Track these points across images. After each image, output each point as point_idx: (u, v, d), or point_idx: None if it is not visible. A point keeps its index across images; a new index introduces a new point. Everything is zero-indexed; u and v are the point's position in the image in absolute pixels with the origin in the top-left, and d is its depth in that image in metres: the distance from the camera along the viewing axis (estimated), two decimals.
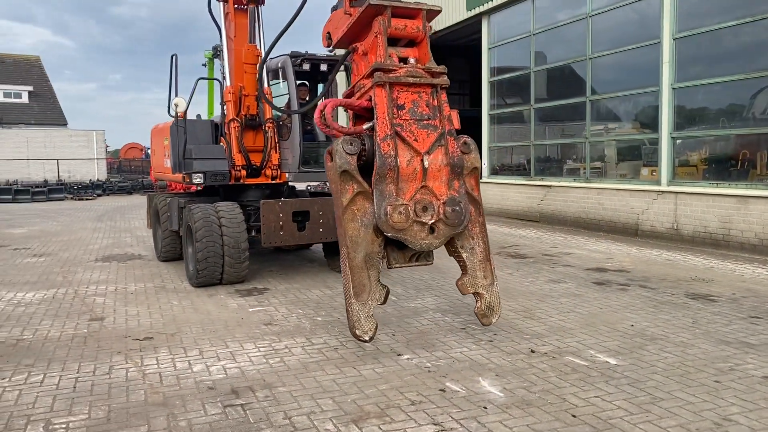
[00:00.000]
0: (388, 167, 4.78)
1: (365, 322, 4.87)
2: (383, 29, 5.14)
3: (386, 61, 5.03)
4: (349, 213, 4.91)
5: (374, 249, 4.93)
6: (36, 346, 5.52)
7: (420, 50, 5.39)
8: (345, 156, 4.91)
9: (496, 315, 5.41)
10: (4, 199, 28.19)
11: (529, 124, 15.50)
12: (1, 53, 45.55)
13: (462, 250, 5.26)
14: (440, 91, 5.20)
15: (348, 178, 4.91)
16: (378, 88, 5.02)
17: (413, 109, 5.05)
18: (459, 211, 4.96)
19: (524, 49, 15.49)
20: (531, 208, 15.11)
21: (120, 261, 10.29)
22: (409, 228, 4.84)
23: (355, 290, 4.88)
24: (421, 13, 5.24)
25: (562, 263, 9.50)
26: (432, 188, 4.95)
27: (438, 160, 4.96)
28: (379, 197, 4.80)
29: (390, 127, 4.89)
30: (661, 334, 5.70)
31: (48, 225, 16.76)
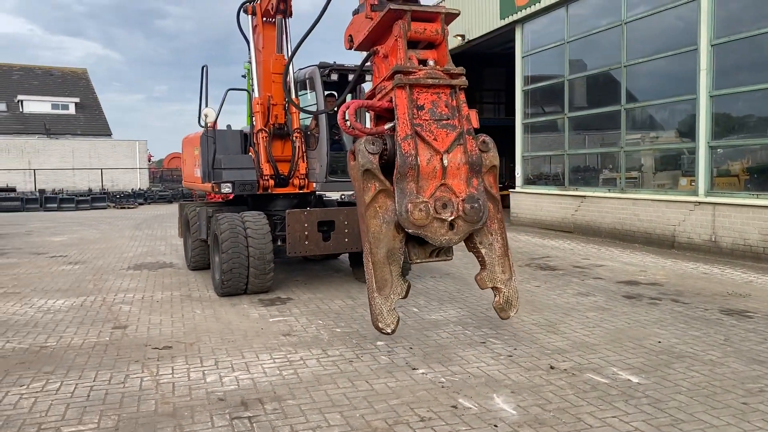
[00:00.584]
0: (409, 166, 4.88)
1: (387, 316, 4.93)
2: (403, 33, 5.24)
3: (406, 64, 5.11)
4: (371, 210, 5.02)
5: (396, 245, 5.02)
6: (58, 354, 5.61)
7: (439, 52, 5.46)
8: (367, 155, 5.01)
9: (514, 309, 5.40)
10: (50, 207, 29.10)
11: (563, 133, 15.24)
12: (50, 66, 47.13)
13: (481, 246, 5.33)
14: (459, 92, 5.25)
15: (370, 177, 5.02)
16: (398, 89, 5.10)
17: (432, 109, 5.13)
18: (478, 207, 5.03)
19: (558, 58, 15.26)
20: (565, 219, 14.83)
21: (151, 269, 10.45)
22: (429, 224, 4.93)
23: (378, 285, 4.95)
24: (439, 16, 5.31)
25: (593, 276, 9.26)
26: (451, 186, 5.04)
27: (457, 158, 5.05)
28: (401, 195, 4.90)
29: (410, 127, 4.97)
30: (689, 351, 5.47)
31: (87, 233, 17.18)
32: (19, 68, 45.47)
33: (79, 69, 47.76)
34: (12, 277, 9.80)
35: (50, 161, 36.26)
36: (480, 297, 7.80)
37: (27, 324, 6.71)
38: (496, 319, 6.69)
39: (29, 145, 36.41)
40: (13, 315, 7.15)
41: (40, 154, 36.21)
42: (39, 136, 38.11)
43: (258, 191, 8.81)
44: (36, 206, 28.87)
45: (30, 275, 9.92)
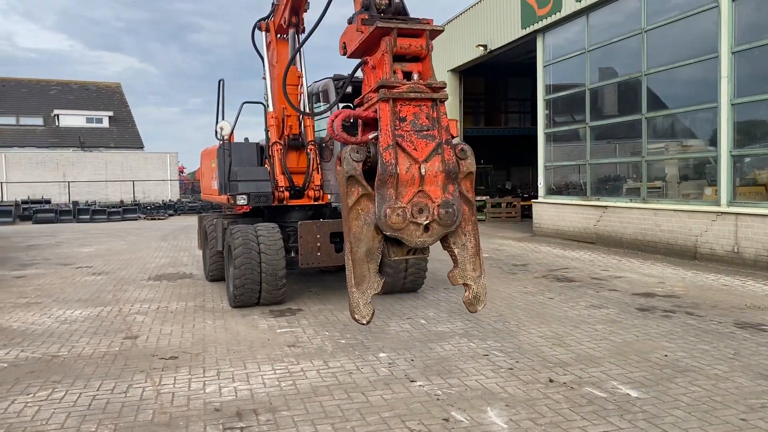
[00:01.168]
0: (389, 174, 5.22)
1: (363, 308, 5.29)
2: (389, 48, 5.61)
3: (391, 78, 5.43)
4: (353, 212, 5.38)
5: (374, 245, 5.37)
6: (68, 363, 5.76)
7: (424, 65, 5.82)
8: (352, 163, 5.35)
9: (481, 303, 5.68)
10: (83, 219, 29.78)
11: (584, 142, 15.09)
12: (86, 81, 48.42)
13: (454, 246, 5.65)
14: (439, 104, 5.53)
15: (354, 182, 5.37)
16: (382, 102, 5.48)
17: (414, 121, 5.45)
18: (451, 212, 5.38)
19: (579, 67, 15.14)
20: (587, 230, 14.66)
21: (170, 280, 10.63)
22: (406, 227, 5.28)
23: (356, 280, 5.30)
24: (425, 33, 5.61)
25: (609, 287, 9.14)
26: (428, 192, 5.38)
27: (435, 167, 5.36)
28: (380, 200, 5.25)
29: (392, 138, 5.30)
30: (695, 365, 5.37)
31: (115, 244, 17.56)
32: (56, 83, 46.81)
33: (113, 83, 48.97)
34: (36, 287, 10.08)
35: (84, 173, 37.18)
36: (490, 309, 7.77)
37: (43, 334, 6.90)
38: (502, 331, 6.67)
39: (64, 157, 37.40)
40: (31, 325, 7.35)
41: (74, 167, 37.16)
42: (73, 149, 39.13)
43: (273, 203, 8.91)
44: (69, 218, 29.59)
45: (53, 286, 10.19)
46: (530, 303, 8.12)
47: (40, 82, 46.10)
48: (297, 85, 9.22)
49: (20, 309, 8.28)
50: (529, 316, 7.34)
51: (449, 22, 21.88)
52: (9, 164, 35.90)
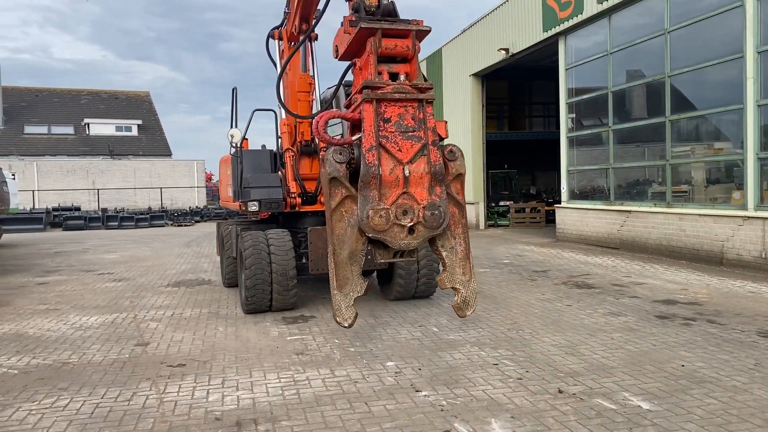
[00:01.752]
0: (372, 175, 5.29)
1: (345, 311, 5.37)
2: (374, 49, 5.57)
3: (375, 79, 5.51)
4: (337, 214, 5.46)
5: (358, 247, 5.43)
6: (77, 370, 5.78)
7: (411, 66, 5.77)
8: (334, 164, 5.42)
9: (470, 308, 5.72)
10: (111, 225, 30.27)
11: (607, 146, 14.82)
12: (116, 90, 49.30)
13: (442, 249, 5.69)
14: (426, 105, 5.59)
15: (337, 184, 5.45)
16: (366, 103, 5.47)
17: (399, 122, 5.52)
18: (437, 214, 5.42)
19: (601, 69, 14.89)
20: (611, 235, 14.37)
21: (189, 286, 10.68)
22: (389, 229, 5.36)
23: (339, 283, 5.38)
24: (411, 33, 5.62)
25: (630, 294, 8.92)
26: (413, 194, 5.44)
27: (420, 168, 5.43)
28: (363, 202, 5.31)
29: (375, 138, 5.37)
30: (713, 376, 5.17)
31: (140, 250, 17.77)
32: (87, 93, 47.75)
33: (142, 92, 49.79)
34: (57, 293, 10.21)
35: (113, 181, 37.81)
36: (504, 317, 7.62)
37: (57, 340, 6.96)
38: (515, 339, 6.53)
39: (93, 165, 38.09)
40: (47, 331, 7.42)
41: (103, 175, 37.82)
42: (103, 157, 39.83)
43: (285, 209, 8.90)
44: (98, 224, 30.10)
45: (74, 292, 10.30)
46: (547, 310, 7.96)
47: (72, 91, 47.07)
48: (308, 92, 9.21)
49: (39, 315, 8.38)
50: (544, 324, 7.18)
51: (470, 27, 21.74)
52: (41, 172, 36.68)
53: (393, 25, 5.65)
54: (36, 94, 45.37)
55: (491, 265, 12.38)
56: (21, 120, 41.67)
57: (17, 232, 27.00)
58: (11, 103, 42.40)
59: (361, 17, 5.86)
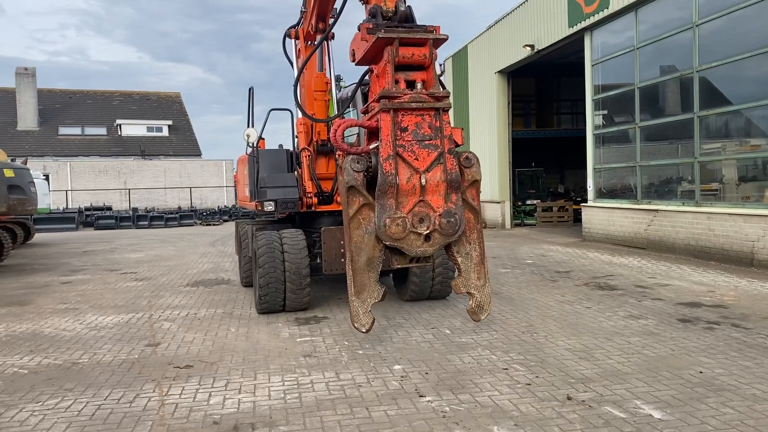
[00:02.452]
0: (389, 184, 5.35)
1: (363, 317, 5.47)
2: (391, 58, 5.59)
3: (392, 89, 5.54)
4: (354, 222, 5.52)
5: (375, 254, 5.52)
6: (85, 371, 5.79)
7: (427, 74, 5.79)
8: (352, 173, 5.47)
9: (485, 313, 5.78)
10: (141, 225, 30.75)
11: (634, 143, 14.46)
12: (147, 91, 50.06)
13: (458, 254, 5.74)
14: (442, 113, 5.63)
15: (355, 192, 5.50)
16: (383, 113, 5.51)
17: (416, 131, 5.56)
18: (453, 222, 5.48)
19: (628, 65, 14.53)
20: (638, 234, 14.02)
21: (207, 286, 10.72)
22: (406, 237, 5.42)
23: (357, 289, 5.47)
24: (428, 42, 5.63)
25: (653, 296, 8.65)
26: (429, 202, 5.49)
27: (436, 176, 5.47)
28: (380, 210, 5.38)
29: (392, 148, 5.41)
30: (732, 384, 4.94)
31: (165, 250, 17.95)
32: (120, 94, 48.58)
33: (172, 93, 50.44)
34: (79, 293, 10.33)
35: (144, 181, 38.40)
36: (520, 320, 7.45)
37: (70, 340, 7.01)
38: (528, 343, 6.36)
39: (125, 165, 38.73)
40: (62, 331, 7.49)
41: (134, 175, 38.43)
42: (134, 158, 40.45)
43: (301, 209, 8.85)
44: (129, 224, 30.59)
45: (95, 291, 10.42)
46: (565, 313, 7.75)
47: (105, 93, 47.94)
48: (325, 91, 9.15)
49: (57, 315, 8.47)
50: (560, 327, 6.99)
51: (496, 23, 21.47)
52: (74, 173, 37.43)
53: (410, 33, 5.67)
54: (70, 96, 46.32)
55: (513, 266, 12.17)
56: (56, 121, 42.58)
57: (50, 232, 27.59)
58: (46, 105, 43.35)
59: (377, 23, 5.80)
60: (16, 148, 37.83)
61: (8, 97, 42.33)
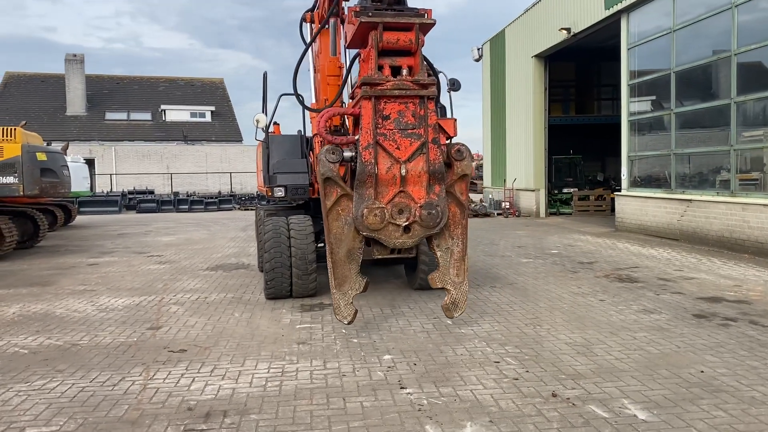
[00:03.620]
0: (368, 174, 5.25)
1: (344, 309, 5.48)
2: (375, 43, 5.42)
3: (374, 75, 5.38)
4: (333, 213, 5.45)
5: (356, 245, 5.45)
6: (81, 353, 5.88)
7: (414, 59, 5.59)
8: (327, 164, 5.39)
9: (459, 310, 5.70)
10: (182, 209, 31.32)
11: (669, 130, 13.91)
12: (192, 77, 50.83)
13: (438, 248, 5.61)
14: (427, 102, 5.46)
15: (332, 184, 5.42)
16: (364, 100, 5.38)
17: (399, 119, 5.41)
18: (434, 214, 5.36)
19: (664, 48, 13.95)
20: (670, 225, 13.52)
21: (226, 270, 10.80)
22: (384, 228, 5.34)
23: (337, 281, 5.45)
24: (414, 26, 5.44)
25: (673, 290, 8.30)
26: (410, 192, 5.37)
27: (418, 167, 5.34)
28: (359, 200, 5.29)
29: (372, 136, 5.29)
30: (732, 385, 4.68)
31: (198, 233, 18.22)
32: (165, 80, 49.48)
33: (216, 79, 51.09)
34: (101, 275, 10.54)
35: (186, 166, 39.12)
36: (527, 311, 7.25)
37: (78, 321, 7.14)
38: (528, 336, 6.18)
39: (167, 150, 39.52)
40: (73, 312, 7.64)
41: (177, 159, 39.18)
42: (177, 143, 41.21)
43: (313, 195, 8.80)
44: (170, 207, 31.21)
45: (116, 274, 10.62)
46: (576, 305, 7.51)
47: (151, 79, 48.90)
48: (338, 76, 9.04)
49: (74, 296, 8.65)
50: (566, 320, 6.77)
51: (533, 6, 20.93)
52: (118, 157, 38.40)
53: (395, 18, 5.51)
54: (117, 81, 47.43)
55: (536, 256, 11.89)
56: (103, 107, 43.68)
57: (94, 214, 28.37)
58: (94, 90, 44.49)
59: (365, 7, 5.66)
60: (65, 132, 39.00)
61: (59, 83, 43.59)
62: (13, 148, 12.91)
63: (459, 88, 9.52)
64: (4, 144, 12.85)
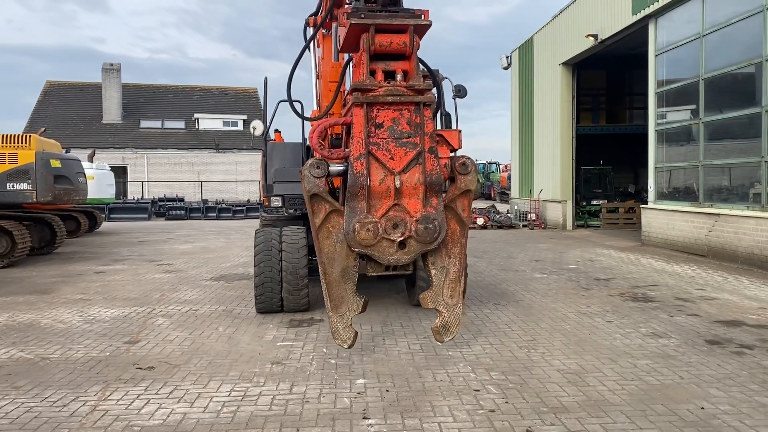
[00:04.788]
0: (360, 186, 4.87)
1: (343, 333, 5.11)
2: (366, 46, 5.04)
3: (366, 80, 5.00)
4: (324, 231, 5.09)
5: (350, 263, 5.10)
6: (47, 368, 5.65)
7: (409, 63, 5.20)
8: (312, 180, 4.98)
9: (450, 335, 5.27)
10: (210, 216, 31.48)
11: (697, 140, 13.22)
12: (226, 87, 51.28)
13: (432, 266, 5.22)
14: (423, 108, 5.05)
15: (319, 200, 5.04)
16: (356, 107, 4.99)
17: (393, 127, 5.02)
18: (432, 228, 4.96)
19: (693, 55, 13.29)
20: (698, 240, 12.81)
21: (229, 281, 10.57)
22: (378, 244, 4.95)
23: (334, 303, 5.09)
24: (408, 28, 5.04)
25: (690, 311, 7.73)
26: (405, 206, 4.99)
27: (414, 178, 4.96)
28: (350, 214, 4.92)
29: (364, 146, 4.90)
30: (733, 425, 4.17)
31: (216, 241, 18.14)
32: (200, 89, 50.03)
33: (249, 88, 51.45)
34: (103, 284, 10.42)
35: (217, 174, 39.40)
36: (526, 332, 6.79)
37: (58, 333, 6.94)
38: (519, 360, 5.74)
39: (199, 158, 39.87)
40: (58, 323, 7.46)
41: (207, 167, 39.50)
42: (209, 151, 41.56)
43: None
44: (198, 215, 31.40)
45: (119, 283, 10.48)
46: (579, 326, 7.01)
47: (185, 88, 49.51)
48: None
49: (67, 306, 8.50)
50: (565, 343, 6.29)
51: (561, 12, 20.37)
52: (151, 165, 38.90)
53: (387, 20, 5.11)
54: (153, 90, 48.13)
55: (552, 271, 11.35)
56: (138, 115, 44.33)
57: (124, 221, 28.71)
58: (131, 99, 45.21)
59: (358, 8, 5.33)
60: (100, 140, 39.69)
61: (97, 92, 44.45)
62: (27, 154, 12.97)
63: (465, 95, 9.13)
64: (18, 150, 12.92)
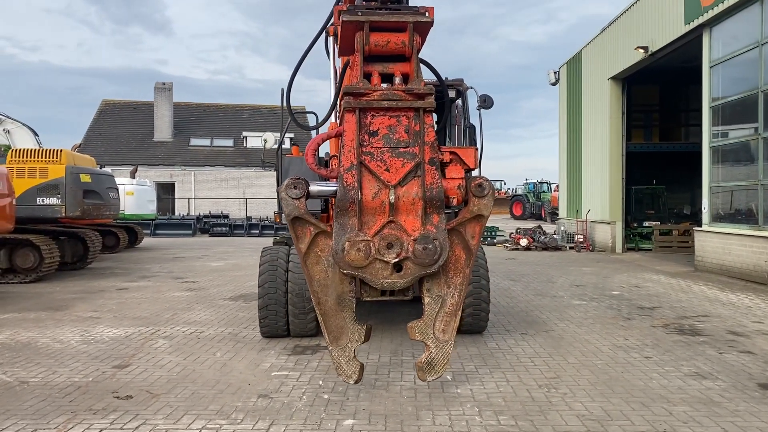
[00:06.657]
0: (350, 200, 4.35)
1: (347, 367, 4.59)
2: (360, 46, 4.56)
3: (359, 83, 4.51)
4: (312, 257, 4.59)
5: (345, 289, 4.59)
6: (22, 394, 5.27)
7: (410, 65, 4.66)
8: (292, 202, 4.49)
9: (435, 374, 4.62)
10: (253, 233, 31.54)
11: (756, 158, 12.17)
12: (275, 105, 51.80)
13: (427, 294, 4.57)
14: (423, 115, 4.49)
15: (302, 223, 4.55)
16: (348, 113, 4.49)
17: (389, 135, 4.50)
18: (431, 249, 4.37)
19: (751, 66, 12.30)
20: (757, 267, 11.72)
21: (246, 301, 10.16)
22: (370, 266, 4.39)
23: (333, 335, 4.59)
24: (407, 26, 4.51)
25: (742, 348, 6.84)
26: (402, 223, 4.44)
27: (411, 192, 4.41)
28: (339, 231, 4.38)
29: (356, 156, 4.38)
30: None
31: (249, 259, 17.85)
32: (249, 108, 50.68)
33: (298, 107, 51.86)
34: (120, 301, 10.15)
35: (262, 191, 39.56)
36: (550, 367, 6.07)
37: (51, 354, 6.61)
38: (535, 402, 5.04)
39: (244, 176, 40.17)
40: (56, 342, 7.14)
41: (252, 185, 39.73)
42: (255, 168, 41.83)
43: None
44: (241, 232, 31.45)
45: (135, 300, 10.19)
46: (612, 362, 6.24)
47: (236, 107, 50.23)
48: None
49: (74, 324, 8.21)
50: (592, 383, 5.55)
51: (609, 25, 19.50)
52: (197, 182, 39.38)
53: (383, 16, 4.57)
54: (204, 109, 48.99)
55: (592, 297, 10.50)
56: (188, 133, 45.10)
57: (168, 237, 28.97)
58: (182, 117, 46.09)
59: (355, 6, 4.84)
60: (150, 157, 40.46)
61: (150, 110, 45.52)
62: (57, 169, 12.97)
63: (491, 106, 8.52)
64: (48, 165, 12.93)
